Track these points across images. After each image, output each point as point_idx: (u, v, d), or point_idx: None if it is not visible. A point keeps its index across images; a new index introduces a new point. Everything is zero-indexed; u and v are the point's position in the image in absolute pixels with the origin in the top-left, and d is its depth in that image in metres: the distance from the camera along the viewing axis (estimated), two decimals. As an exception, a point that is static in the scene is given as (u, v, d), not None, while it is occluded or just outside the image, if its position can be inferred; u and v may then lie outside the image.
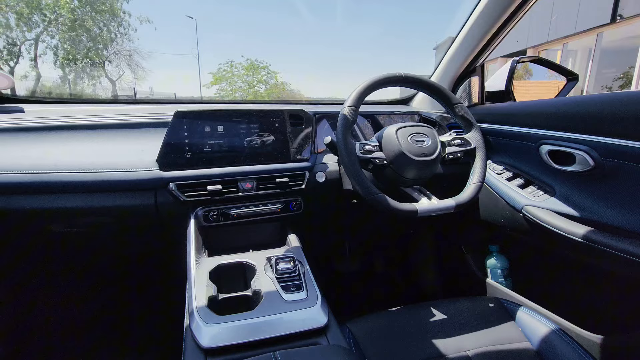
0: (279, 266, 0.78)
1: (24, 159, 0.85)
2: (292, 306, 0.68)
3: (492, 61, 7.08)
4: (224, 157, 0.95)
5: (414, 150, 0.87)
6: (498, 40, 1.20)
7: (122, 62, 14.07)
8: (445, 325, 0.86)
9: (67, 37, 12.27)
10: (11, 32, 11.58)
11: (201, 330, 0.61)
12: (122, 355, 0.71)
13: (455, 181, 1.01)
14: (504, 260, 1.24)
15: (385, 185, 0.93)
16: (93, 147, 0.92)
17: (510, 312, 0.90)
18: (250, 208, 0.98)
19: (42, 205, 0.86)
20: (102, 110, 1.05)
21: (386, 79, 0.91)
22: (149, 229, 1.02)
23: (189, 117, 0.94)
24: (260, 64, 14.35)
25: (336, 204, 1.14)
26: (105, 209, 0.91)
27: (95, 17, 12.37)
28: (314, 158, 1.06)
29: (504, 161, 1.13)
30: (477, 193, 0.88)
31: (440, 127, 1.27)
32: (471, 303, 0.94)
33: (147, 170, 0.89)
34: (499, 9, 1.08)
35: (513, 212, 1.02)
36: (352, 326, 0.82)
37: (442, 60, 1.36)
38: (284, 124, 1.03)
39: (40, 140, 0.91)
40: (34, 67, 12.43)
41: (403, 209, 0.82)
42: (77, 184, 0.86)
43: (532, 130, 1.00)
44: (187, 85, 30.59)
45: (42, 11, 11.53)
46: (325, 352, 0.60)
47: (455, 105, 0.97)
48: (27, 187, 0.84)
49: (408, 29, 41.72)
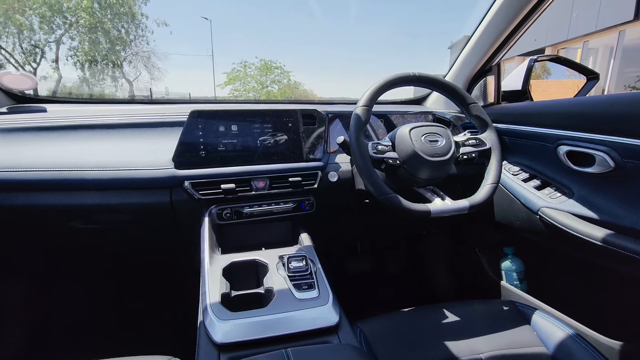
0: (291, 265, 0.78)
1: (46, 157, 0.88)
2: (303, 304, 0.69)
3: (508, 60, 6.94)
4: (237, 156, 0.97)
5: (428, 150, 0.86)
6: (515, 39, 1.17)
7: (139, 63, 14.41)
8: (458, 327, 0.85)
9: (87, 39, 12.62)
10: (34, 35, 11.98)
11: (214, 326, 0.62)
12: (137, 349, 0.73)
13: (469, 182, 0.99)
14: (519, 262, 1.21)
15: (398, 186, 0.93)
16: (111, 146, 0.95)
17: (526, 316, 0.88)
18: (263, 207, 0.99)
19: (62, 202, 0.89)
20: (119, 110, 1.08)
21: (399, 79, 0.90)
22: (164, 227, 1.05)
23: (204, 116, 0.95)
24: (274, 64, 14.46)
25: (348, 204, 1.14)
26: (122, 206, 0.93)
27: (114, 20, 12.68)
28: (327, 158, 1.06)
29: (520, 162, 1.11)
30: (491, 194, 0.87)
31: (454, 127, 1.26)
32: (485, 305, 0.93)
33: (163, 169, 0.91)
34: (516, 7, 1.06)
35: (529, 214, 1.00)
36: (364, 326, 0.82)
37: (457, 59, 1.34)
38: (297, 124, 1.04)
39: (61, 138, 0.94)
40: (56, 68, 12.83)
41: (416, 209, 0.81)
42: (95, 181, 0.88)
43: (550, 130, 0.98)
44: (202, 85, 31.04)
45: (63, 14, 11.89)
46: (337, 350, 0.60)
47: (470, 105, 0.95)
48: (48, 184, 0.87)
49: (422, 28, 41.30)
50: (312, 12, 36.39)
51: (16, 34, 11.63)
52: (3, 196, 0.86)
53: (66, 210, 0.91)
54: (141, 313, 1.43)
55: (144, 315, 1.42)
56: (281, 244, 0.95)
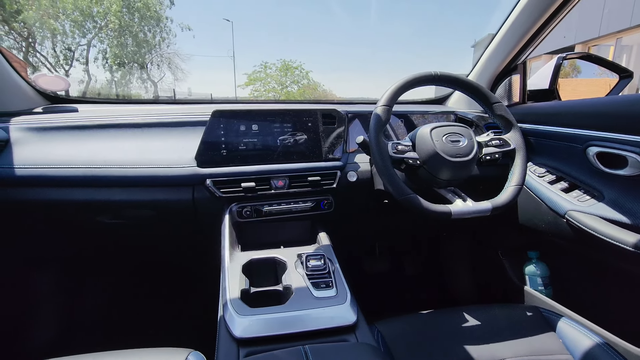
0: (309, 263, 0.79)
1: (78, 155, 0.92)
2: (321, 303, 0.69)
3: (535, 58, 6.70)
4: (257, 155, 0.98)
5: (449, 150, 0.85)
6: (542, 37, 1.14)
7: (163, 65, 14.86)
8: (479, 331, 0.83)
9: (116, 42, 13.12)
10: (67, 39, 12.56)
11: (234, 320, 0.64)
12: (158, 341, 0.75)
13: (492, 183, 0.97)
14: (544, 267, 1.17)
15: (418, 186, 0.91)
16: (137, 145, 0.98)
17: (551, 322, 0.85)
18: (282, 205, 1.00)
19: (92, 197, 0.93)
20: (145, 110, 1.11)
21: (420, 78, 0.89)
22: (186, 223, 1.07)
23: (226, 116, 0.97)
24: (293, 65, 14.57)
25: (367, 204, 1.14)
26: (147, 202, 0.96)
27: (140, 23, 13.13)
28: (346, 157, 1.06)
29: (546, 163, 1.08)
30: (515, 196, 0.85)
31: (477, 127, 1.23)
32: (507, 310, 0.90)
33: (186, 167, 0.94)
34: (544, 4, 1.03)
35: (555, 217, 0.97)
36: (381, 327, 0.82)
37: (481, 58, 1.31)
38: (316, 123, 1.04)
39: (91, 137, 0.98)
40: (86, 70, 13.41)
41: (436, 210, 0.80)
42: (123, 178, 0.92)
43: (579, 131, 0.94)
44: (223, 86, 31.63)
45: (93, 18, 12.41)
46: (354, 349, 0.60)
47: (494, 104, 0.93)
48: (79, 181, 0.91)
49: (444, 26, 40.53)
50: (332, 11, 36.40)
51: (50, 38, 12.24)
52: (38, 191, 0.91)
53: (95, 205, 0.95)
54: (162, 307, 1.47)
55: (165, 308, 1.47)
56: (300, 242, 0.96)
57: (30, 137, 0.94)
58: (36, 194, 0.91)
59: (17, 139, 0.92)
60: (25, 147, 0.92)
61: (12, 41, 11.51)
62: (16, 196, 0.91)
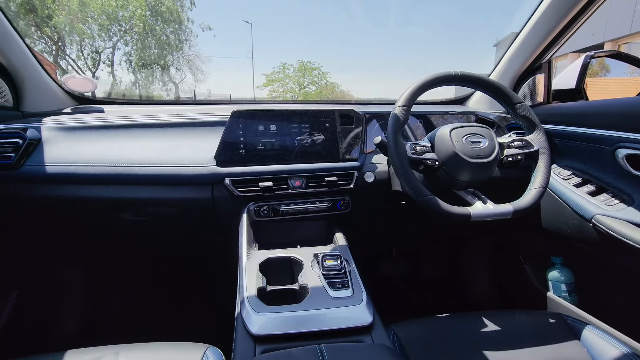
0: (325, 263, 0.79)
1: (104, 154, 0.96)
2: (337, 303, 0.69)
3: (561, 57, 6.48)
4: (275, 155, 0.99)
5: (469, 151, 0.83)
6: (568, 35, 1.10)
7: (184, 66, 15.21)
8: (499, 337, 0.81)
9: (140, 44, 13.53)
10: (94, 42, 13.06)
11: (251, 318, 0.65)
12: (176, 337, 0.77)
13: (513, 186, 0.95)
14: (568, 273, 1.13)
15: (436, 188, 0.90)
16: (159, 144, 1.01)
17: (575, 330, 0.82)
18: (299, 205, 1.00)
19: (116, 195, 0.96)
20: (166, 111, 1.14)
21: (440, 78, 0.88)
22: (205, 221, 1.10)
23: (245, 116, 0.99)
24: (312, 65, 14.63)
25: (384, 205, 1.13)
26: (168, 200, 0.99)
27: (163, 26, 13.50)
28: (363, 158, 1.06)
29: (572, 166, 1.04)
30: (538, 199, 0.82)
31: (499, 128, 1.20)
32: (529, 316, 0.88)
33: (205, 166, 0.96)
34: (571, 0, 1.00)
35: (581, 221, 0.93)
36: (397, 329, 0.81)
37: (503, 57, 1.28)
38: (334, 124, 1.04)
39: (116, 137, 1.01)
40: (111, 72, 13.89)
41: (455, 212, 0.79)
42: (145, 177, 0.95)
43: (607, 132, 0.91)
44: (242, 87, 32.06)
45: (119, 22, 12.85)
46: (370, 349, 0.60)
47: (517, 104, 0.91)
48: (106, 179, 0.94)
49: (466, 26, 39.72)
50: (352, 12, 36.28)
51: (78, 42, 12.76)
52: (66, 188, 0.95)
53: (119, 202, 0.98)
54: (181, 303, 1.50)
55: (184, 305, 1.50)
56: (316, 242, 0.96)
57: (60, 136, 0.98)
58: (65, 191, 0.95)
59: (48, 138, 0.97)
60: (55, 146, 0.96)
61: (44, 45, 12.08)
62: (46, 193, 0.95)
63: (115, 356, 0.68)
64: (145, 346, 0.72)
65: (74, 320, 1.33)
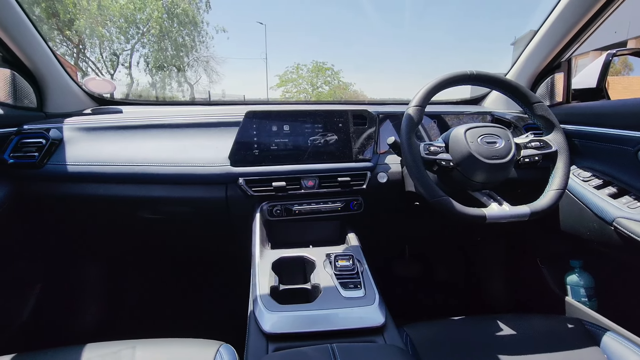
0: (337, 263, 0.79)
1: (122, 153, 0.98)
2: (349, 303, 0.69)
3: (582, 55, 6.28)
4: (288, 155, 1.00)
5: (485, 152, 0.82)
6: (589, 32, 1.07)
7: (199, 68, 15.45)
8: (515, 341, 0.79)
9: (156, 46, 13.82)
10: (112, 44, 13.40)
11: (264, 316, 0.65)
12: (189, 331, 0.79)
13: (531, 187, 0.93)
14: (588, 277, 1.10)
15: (450, 189, 0.89)
16: (175, 144, 1.03)
17: (595, 336, 0.80)
18: (312, 205, 1.01)
19: (134, 193, 0.99)
20: (182, 111, 1.17)
21: (455, 78, 0.87)
22: (219, 220, 1.11)
23: (259, 116, 1.00)
24: (325, 66, 14.65)
25: (397, 206, 1.12)
26: (183, 199, 1.01)
27: (179, 28, 13.74)
28: (377, 158, 1.06)
29: (592, 167, 1.01)
30: (556, 201, 0.80)
31: (515, 128, 1.18)
32: (546, 321, 0.86)
33: (219, 166, 0.97)
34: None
35: (602, 224, 0.90)
36: (410, 330, 0.80)
37: (521, 55, 1.26)
38: (347, 124, 1.04)
39: (134, 137, 1.04)
40: (129, 73, 14.23)
41: (470, 213, 0.78)
42: (162, 176, 0.97)
43: (631, 132, 0.88)
44: (255, 87, 32.37)
45: (137, 25, 13.15)
46: (382, 350, 0.60)
47: (535, 104, 0.89)
48: (123, 178, 0.97)
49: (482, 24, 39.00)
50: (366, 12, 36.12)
51: (98, 44, 13.12)
52: (86, 187, 0.98)
53: (136, 201, 1.01)
54: (195, 300, 1.53)
55: (198, 302, 1.52)
56: (328, 242, 0.96)
57: (81, 136, 1.01)
58: (84, 189, 0.98)
59: (69, 138, 1.00)
60: (76, 146, 0.99)
61: (65, 48, 12.46)
62: (67, 191, 0.98)
63: (132, 351, 0.70)
64: (160, 342, 0.74)
65: (92, 315, 1.37)
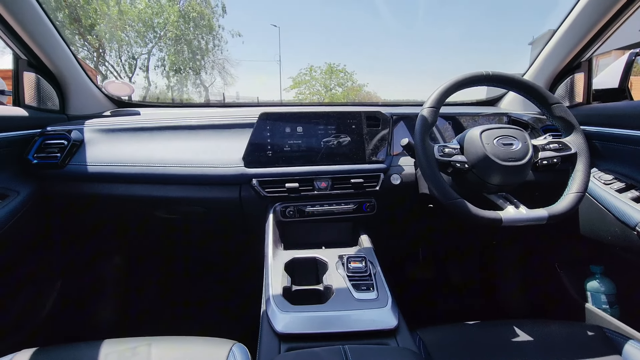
0: (350, 265, 0.79)
1: (140, 154, 1.01)
2: (362, 305, 0.69)
3: (603, 55, 6.09)
4: (302, 157, 1.00)
5: (501, 154, 0.80)
6: (611, 30, 1.04)
7: (214, 71, 15.69)
8: (532, 348, 0.77)
9: (173, 50, 14.11)
10: (131, 48, 13.76)
11: (277, 316, 0.66)
12: (202, 330, 0.80)
13: (548, 190, 0.90)
14: (609, 284, 1.06)
15: (465, 191, 0.88)
16: (190, 145, 1.05)
17: (616, 345, 0.77)
18: (325, 206, 1.01)
19: (151, 193, 1.01)
20: (197, 113, 1.19)
21: (471, 79, 0.86)
22: (233, 221, 1.13)
23: (272, 118, 1.01)
24: (338, 67, 14.66)
25: (411, 208, 1.11)
26: (198, 199, 1.03)
27: (195, 32, 13.99)
28: (390, 160, 1.05)
29: (614, 170, 0.98)
30: (576, 204, 0.78)
31: (533, 129, 1.15)
32: (564, 328, 0.83)
33: (233, 167, 0.99)
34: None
35: (624, 229, 0.87)
36: (423, 334, 0.79)
37: (539, 56, 1.23)
38: (360, 126, 1.04)
39: (152, 138, 1.06)
40: (146, 76, 14.57)
41: (485, 216, 0.76)
42: (177, 176, 0.99)
43: None
44: (269, 89, 32.62)
45: (154, 29, 13.45)
46: (395, 353, 0.59)
47: (553, 105, 0.87)
48: (141, 178, 0.99)
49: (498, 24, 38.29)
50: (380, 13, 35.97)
51: (116, 48, 13.50)
52: (106, 186, 1.01)
53: (153, 200, 1.03)
54: (209, 299, 1.55)
55: (212, 301, 1.54)
56: (341, 244, 0.96)
57: (101, 137, 1.04)
58: (104, 189, 1.01)
59: (89, 140, 1.03)
60: (96, 147, 1.02)
61: (86, 52, 12.85)
62: (87, 190, 1.01)
63: (147, 347, 0.71)
64: (175, 339, 0.75)
65: (109, 312, 1.41)
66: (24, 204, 0.93)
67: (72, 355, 0.71)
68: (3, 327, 1.05)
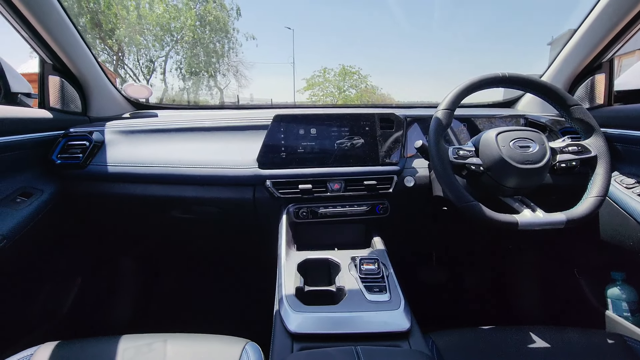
0: (363, 266, 0.79)
1: (158, 155, 1.03)
2: (374, 306, 0.69)
3: (627, 55, 5.88)
4: (315, 158, 1.01)
5: (517, 156, 0.79)
6: (635, 29, 1.01)
7: (229, 73, 15.90)
8: (548, 354, 0.76)
9: (189, 53, 14.38)
10: (149, 51, 14.10)
11: (289, 316, 0.66)
12: (216, 328, 0.81)
13: (567, 193, 0.88)
14: (631, 291, 1.03)
15: (480, 194, 0.86)
16: (206, 146, 1.07)
17: (638, 354, 0.75)
18: (338, 208, 1.01)
19: (168, 193, 1.04)
20: (212, 115, 1.21)
21: (487, 80, 0.85)
22: (246, 221, 1.14)
23: (286, 120, 1.02)
24: (352, 69, 14.65)
25: (425, 211, 1.10)
26: (213, 200, 1.04)
27: (211, 35, 14.23)
28: (403, 162, 1.05)
29: (637, 173, 0.95)
30: (596, 208, 0.76)
31: (551, 132, 1.13)
32: (583, 335, 0.81)
33: (248, 168, 1.00)
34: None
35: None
36: (436, 337, 0.79)
37: (558, 56, 1.20)
38: (374, 127, 1.04)
39: (169, 139, 1.09)
40: (163, 79, 14.89)
41: (501, 219, 0.75)
42: (194, 177, 1.01)
43: None
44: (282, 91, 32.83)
45: (171, 32, 13.74)
46: (407, 355, 0.59)
47: (572, 107, 0.85)
48: (158, 178, 1.02)
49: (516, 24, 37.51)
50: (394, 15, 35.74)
51: (135, 52, 13.85)
52: (125, 186, 1.03)
53: (169, 200, 1.06)
54: (223, 298, 1.57)
55: (226, 300, 1.56)
56: (354, 245, 0.96)
57: (120, 139, 1.08)
58: (123, 189, 1.04)
59: (110, 141, 1.06)
60: (116, 148, 1.05)
61: (106, 55, 13.23)
62: (107, 190, 1.04)
63: (163, 344, 0.73)
64: (190, 336, 0.77)
65: (127, 308, 1.44)
66: (47, 203, 0.96)
67: (92, 348, 0.73)
68: (26, 321, 1.09)
